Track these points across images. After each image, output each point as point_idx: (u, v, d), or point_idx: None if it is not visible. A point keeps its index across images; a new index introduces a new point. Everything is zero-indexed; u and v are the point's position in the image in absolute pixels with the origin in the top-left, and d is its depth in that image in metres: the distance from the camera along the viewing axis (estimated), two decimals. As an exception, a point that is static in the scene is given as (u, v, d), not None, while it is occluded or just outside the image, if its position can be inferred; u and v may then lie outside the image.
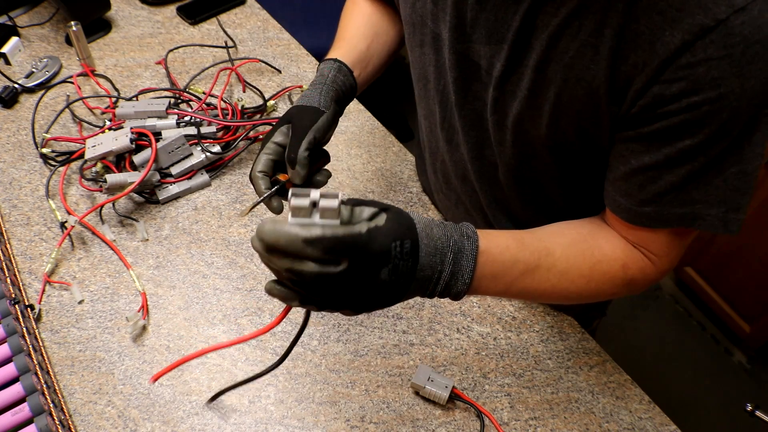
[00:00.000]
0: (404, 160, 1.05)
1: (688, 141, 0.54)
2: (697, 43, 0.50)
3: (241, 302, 0.86)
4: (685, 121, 0.53)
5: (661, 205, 0.59)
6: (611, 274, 0.64)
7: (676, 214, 0.59)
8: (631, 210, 0.61)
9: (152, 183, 0.95)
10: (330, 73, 0.74)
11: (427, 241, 0.53)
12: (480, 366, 0.82)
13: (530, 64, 0.59)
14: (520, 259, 0.60)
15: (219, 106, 1.04)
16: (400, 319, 0.86)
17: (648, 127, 0.56)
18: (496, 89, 0.64)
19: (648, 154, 0.57)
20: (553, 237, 0.65)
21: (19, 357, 0.76)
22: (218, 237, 0.93)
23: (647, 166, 0.57)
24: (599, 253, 0.64)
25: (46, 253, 0.89)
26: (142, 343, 0.82)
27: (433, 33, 0.69)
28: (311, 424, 0.76)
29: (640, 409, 0.79)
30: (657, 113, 0.54)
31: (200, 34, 1.23)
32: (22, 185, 0.97)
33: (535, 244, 0.62)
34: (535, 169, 0.70)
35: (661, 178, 0.57)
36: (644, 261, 0.64)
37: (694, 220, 0.58)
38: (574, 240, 0.65)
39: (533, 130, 0.64)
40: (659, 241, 0.63)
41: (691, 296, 2.00)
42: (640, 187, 0.59)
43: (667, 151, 0.56)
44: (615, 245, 0.64)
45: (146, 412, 0.76)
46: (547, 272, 0.62)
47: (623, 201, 0.61)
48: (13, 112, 1.07)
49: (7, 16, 1.21)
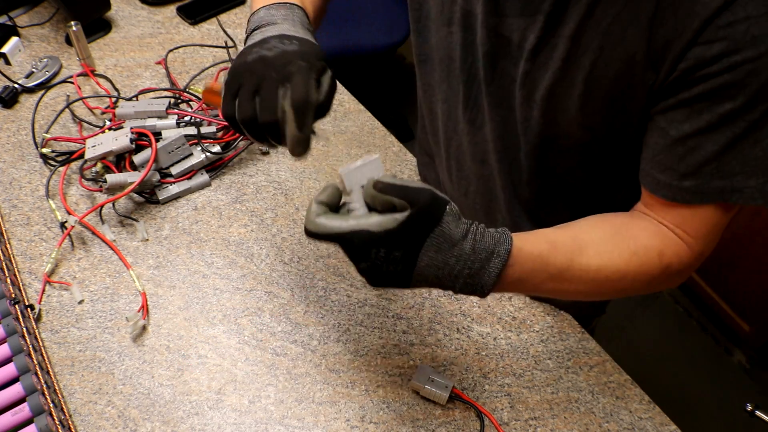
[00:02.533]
0: (404, 160, 1.05)
1: (729, 105, 0.54)
2: (736, 1, 0.50)
3: (241, 302, 0.86)
4: (726, 83, 0.53)
5: (701, 177, 0.58)
6: (648, 266, 0.63)
7: (716, 187, 0.59)
8: (672, 186, 0.61)
9: (152, 183, 0.95)
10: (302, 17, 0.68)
11: (438, 250, 0.54)
12: (480, 366, 0.82)
13: (565, 34, 0.59)
14: (551, 262, 0.60)
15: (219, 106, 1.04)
16: (400, 319, 0.86)
17: (688, 92, 0.55)
18: (528, 62, 0.64)
19: (688, 122, 0.57)
20: (587, 233, 0.64)
21: (19, 357, 0.76)
22: (218, 237, 0.93)
23: (687, 135, 0.57)
24: (634, 244, 0.63)
25: (46, 253, 0.89)
26: (142, 343, 0.82)
27: (462, 10, 0.68)
28: (311, 424, 0.76)
29: (640, 409, 0.79)
30: (697, 76, 0.54)
31: (200, 34, 1.23)
32: (22, 185, 0.97)
33: (568, 244, 0.62)
34: (560, 147, 0.70)
35: (702, 148, 0.57)
36: (680, 245, 0.63)
37: (734, 192, 0.58)
38: (607, 234, 0.64)
39: (563, 103, 0.64)
40: (698, 220, 0.62)
41: (691, 296, 2.00)
42: (680, 159, 0.59)
43: (708, 117, 0.55)
44: (650, 233, 0.64)
45: (146, 412, 0.76)
46: (580, 272, 0.61)
47: (663, 177, 0.61)
48: (13, 112, 1.07)
49: (7, 16, 1.21)
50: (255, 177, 1.00)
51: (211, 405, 0.77)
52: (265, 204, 0.97)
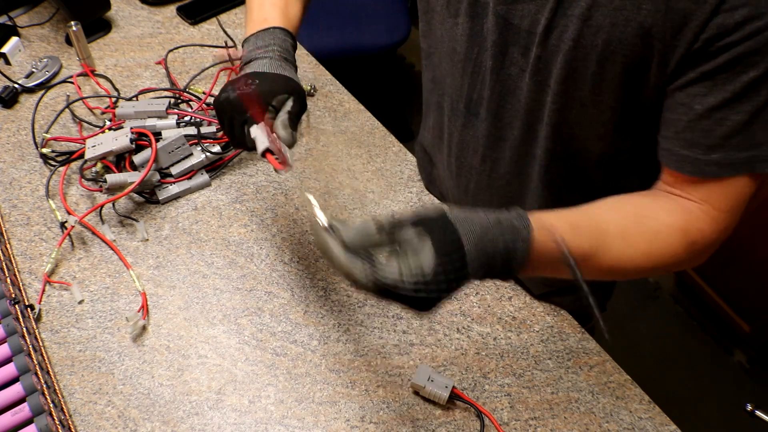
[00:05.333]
0: (404, 160, 1.05)
1: (753, 73, 0.54)
2: None
3: (241, 302, 0.86)
4: (749, 50, 0.53)
5: (727, 149, 0.58)
6: (672, 245, 0.62)
7: (743, 158, 0.58)
8: (698, 160, 0.60)
9: (152, 183, 0.95)
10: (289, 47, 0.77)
11: (474, 242, 0.52)
12: (480, 366, 0.82)
13: (576, 14, 0.59)
14: (573, 248, 0.57)
15: (219, 106, 1.04)
16: (400, 319, 0.86)
17: (712, 62, 0.55)
18: (539, 46, 0.63)
19: (712, 95, 0.56)
20: (608, 214, 0.63)
21: (19, 357, 0.76)
22: (218, 237, 0.93)
23: (713, 107, 0.57)
24: (657, 224, 0.62)
25: (46, 253, 0.89)
26: (142, 343, 0.82)
27: (469, 1, 0.69)
28: (311, 424, 0.76)
29: (640, 409, 0.79)
30: (720, 46, 0.54)
31: (200, 34, 1.23)
32: (22, 185, 0.97)
33: (590, 226, 0.60)
34: (572, 135, 0.70)
35: (728, 119, 0.57)
36: (704, 221, 0.62)
37: (762, 162, 0.58)
38: (629, 215, 0.63)
39: (576, 85, 0.63)
40: (725, 194, 0.61)
41: (691, 296, 2.00)
42: (706, 133, 0.58)
43: (732, 87, 0.55)
44: (672, 211, 0.63)
45: (146, 412, 0.76)
46: (604, 255, 0.60)
47: (688, 153, 0.60)
48: (13, 112, 1.07)
49: (7, 16, 1.21)
50: (255, 177, 1.00)
51: (211, 405, 0.77)
52: (265, 204, 0.97)
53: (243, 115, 0.68)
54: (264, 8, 0.78)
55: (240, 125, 0.69)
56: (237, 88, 0.69)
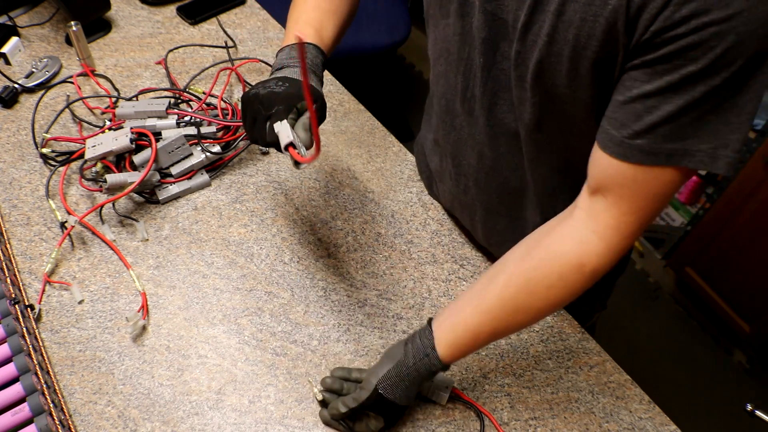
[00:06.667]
0: (404, 160, 1.05)
1: (691, 67, 0.55)
2: None
3: (241, 302, 0.86)
4: (691, 44, 0.54)
5: (654, 137, 0.59)
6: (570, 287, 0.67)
7: (667, 149, 0.59)
8: (624, 143, 0.61)
9: (152, 183, 0.95)
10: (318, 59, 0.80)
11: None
12: (480, 366, 0.82)
13: (550, 9, 0.60)
14: (482, 339, 0.71)
15: (219, 106, 1.04)
16: (400, 319, 0.86)
17: (654, 53, 0.56)
18: (518, 42, 0.65)
19: (650, 83, 0.57)
20: (506, 289, 0.69)
21: (19, 357, 0.76)
22: (218, 237, 0.93)
23: (647, 93, 0.58)
24: (549, 277, 0.67)
25: (46, 253, 0.89)
26: (142, 343, 0.82)
27: (459, 1, 0.70)
28: (311, 424, 0.76)
29: (640, 409, 0.79)
30: (666, 38, 0.55)
31: (200, 34, 1.23)
32: (22, 185, 0.97)
33: (486, 324, 0.69)
34: (555, 129, 0.71)
35: (659, 108, 0.58)
36: (599, 245, 0.65)
37: (684, 156, 0.59)
38: (521, 283, 0.68)
39: (552, 80, 0.65)
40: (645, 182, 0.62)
41: (691, 296, 2.00)
42: (636, 116, 0.59)
43: (670, 78, 0.56)
44: (566, 241, 0.66)
45: (146, 412, 0.76)
46: (507, 328, 0.70)
47: (616, 133, 0.61)
48: (13, 112, 1.07)
49: (7, 16, 1.21)
50: (255, 177, 1.00)
51: (211, 405, 0.77)
52: (265, 204, 0.97)
53: (269, 110, 0.72)
54: (299, 25, 0.83)
55: (263, 120, 0.72)
56: (268, 87, 0.73)
